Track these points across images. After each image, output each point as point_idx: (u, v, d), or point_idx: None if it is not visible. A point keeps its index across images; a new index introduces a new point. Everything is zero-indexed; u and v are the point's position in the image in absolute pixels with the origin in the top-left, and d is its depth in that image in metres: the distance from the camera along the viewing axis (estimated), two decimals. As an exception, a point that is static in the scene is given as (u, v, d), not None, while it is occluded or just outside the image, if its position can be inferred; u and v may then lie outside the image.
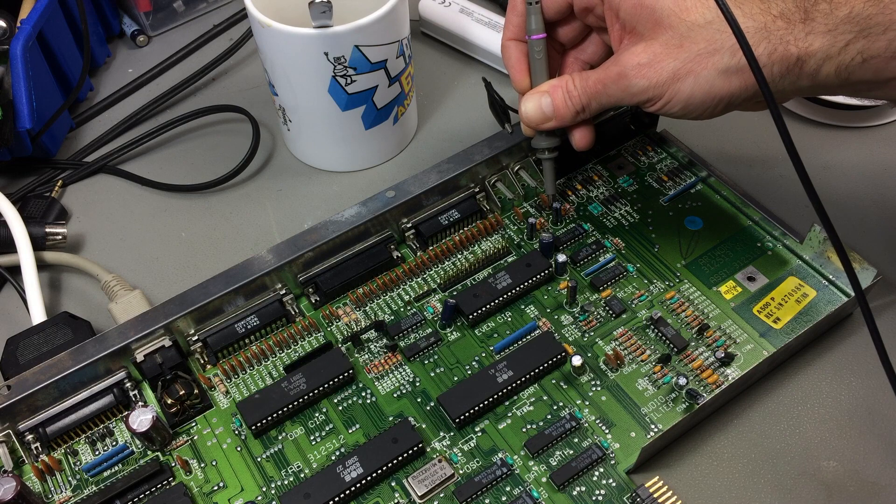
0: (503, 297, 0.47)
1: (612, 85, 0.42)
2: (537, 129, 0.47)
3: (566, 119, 0.45)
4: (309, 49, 0.50)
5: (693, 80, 0.39)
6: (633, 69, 0.40)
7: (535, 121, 0.46)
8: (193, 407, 0.44)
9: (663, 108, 0.41)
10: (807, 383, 0.45)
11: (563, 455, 0.42)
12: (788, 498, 0.41)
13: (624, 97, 0.42)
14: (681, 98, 0.40)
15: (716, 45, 0.38)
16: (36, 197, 0.56)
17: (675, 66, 0.39)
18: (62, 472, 0.43)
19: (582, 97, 0.44)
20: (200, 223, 0.56)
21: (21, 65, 0.54)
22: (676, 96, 0.40)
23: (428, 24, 0.67)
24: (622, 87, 0.41)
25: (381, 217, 0.49)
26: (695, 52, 0.39)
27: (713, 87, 0.39)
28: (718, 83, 0.39)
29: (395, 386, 0.45)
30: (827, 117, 0.59)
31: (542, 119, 0.46)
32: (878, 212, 0.53)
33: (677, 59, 0.39)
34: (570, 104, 0.45)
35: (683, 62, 0.39)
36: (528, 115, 0.46)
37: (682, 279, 0.48)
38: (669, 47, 0.39)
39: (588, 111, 0.45)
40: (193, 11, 0.71)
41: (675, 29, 0.39)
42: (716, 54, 0.38)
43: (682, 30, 0.39)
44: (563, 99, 0.45)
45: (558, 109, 0.45)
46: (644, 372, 0.44)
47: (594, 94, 0.43)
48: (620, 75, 0.41)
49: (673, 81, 0.39)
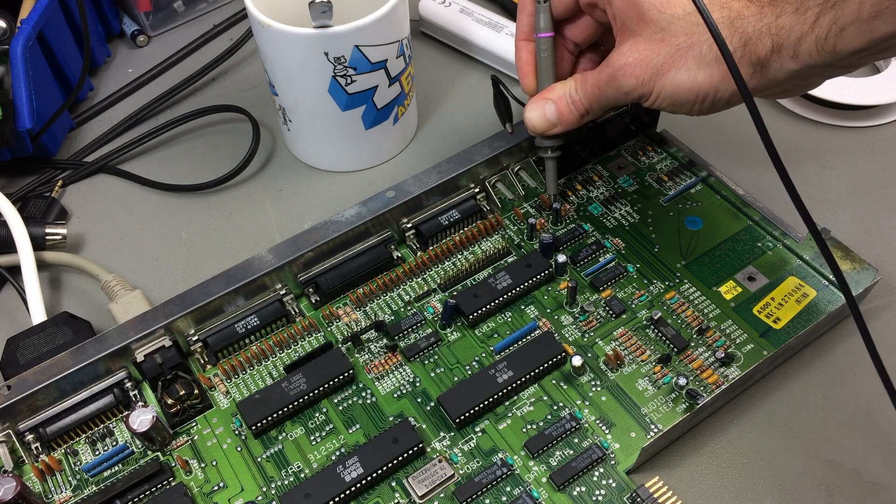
0: (503, 298, 0.47)
1: (606, 87, 0.42)
2: (544, 136, 0.48)
3: (572, 124, 0.46)
4: (309, 49, 0.50)
5: (675, 74, 0.39)
6: (621, 69, 0.41)
7: (541, 128, 0.47)
8: (193, 407, 0.44)
9: (654, 104, 0.41)
10: (807, 383, 0.45)
11: (563, 455, 0.42)
12: (788, 498, 0.41)
13: (619, 97, 0.42)
14: (667, 93, 0.40)
15: (694, 38, 0.38)
16: (36, 197, 0.56)
17: (659, 62, 0.39)
18: (62, 472, 0.43)
19: (584, 101, 0.44)
20: (200, 223, 0.56)
21: (21, 65, 0.54)
22: (663, 92, 0.40)
23: (428, 24, 0.67)
24: (614, 87, 0.42)
25: (382, 217, 0.49)
26: (675, 46, 0.39)
27: (695, 80, 0.39)
28: (700, 76, 0.39)
29: (395, 386, 0.45)
30: (827, 117, 0.59)
31: (548, 126, 0.46)
32: (877, 212, 0.53)
33: (659, 55, 0.39)
34: (574, 109, 0.45)
35: (665, 57, 0.39)
36: (533, 122, 0.47)
37: (682, 279, 0.48)
38: (652, 42, 0.39)
39: (592, 113, 0.45)
40: (193, 11, 0.71)
41: (657, 23, 0.39)
42: (694, 47, 0.38)
43: (662, 23, 0.39)
44: (567, 105, 0.45)
45: (562, 115, 0.45)
46: (644, 372, 0.44)
47: (593, 97, 0.44)
48: (611, 77, 0.41)
49: (658, 77, 0.40)
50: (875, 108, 0.58)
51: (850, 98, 0.57)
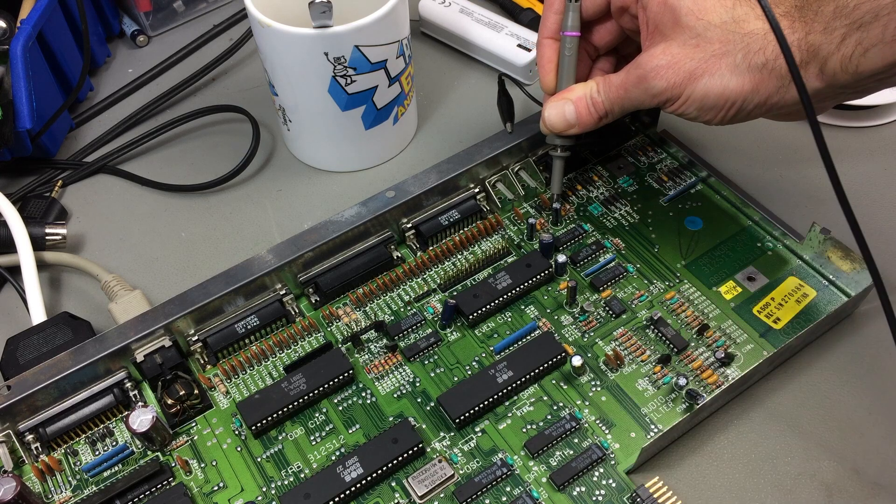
0: (503, 298, 0.47)
1: (633, 88, 0.42)
2: (560, 135, 0.48)
3: (589, 126, 0.46)
4: (309, 49, 0.50)
5: (707, 80, 0.39)
6: (652, 71, 0.41)
7: (559, 128, 0.47)
8: (193, 407, 0.44)
9: (680, 109, 0.41)
10: (807, 383, 0.45)
11: (563, 455, 0.42)
12: (788, 498, 0.41)
13: (645, 99, 0.42)
14: (696, 98, 0.40)
15: (729, 46, 0.39)
16: (36, 197, 0.56)
17: (692, 67, 0.40)
18: (62, 472, 0.43)
19: (605, 103, 0.44)
20: (200, 223, 0.56)
21: (21, 65, 0.54)
22: (692, 96, 0.40)
23: (428, 24, 0.67)
24: (643, 89, 0.42)
25: (381, 217, 0.49)
26: (710, 53, 0.39)
27: (727, 87, 0.39)
28: (732, 84, 0.39)
29: (395, 386, 0.45)
30: (827, 117, 0.59)
31: (566, 126, 0.46)
32: (878, 212, 0.53)
33: (693, 60, 0.40)
34: (594, 111, 0.45)
35: (699, 62, 0.39)
36: (552, 121, 0.47)
37: (682, 279, 0.48)
38: (686, 47, 0.40)
39: (611, 116, 0.45)
40: (193, 11, 0.71)
41: (693, 29, 0.39)
42: (729, 55, 0.39)
43: (698, 29, 0.39)
44: (587, 106, 0.45)
45: (581, 117, 0.46)
46: (644, 372, 0.44)
47: (617, 98, 0.44)
48: (641, 78, 0.42)
49: (689, 82, 0.40)
50: (875, 108, 0.58)
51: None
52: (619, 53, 0.50)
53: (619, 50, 0.49)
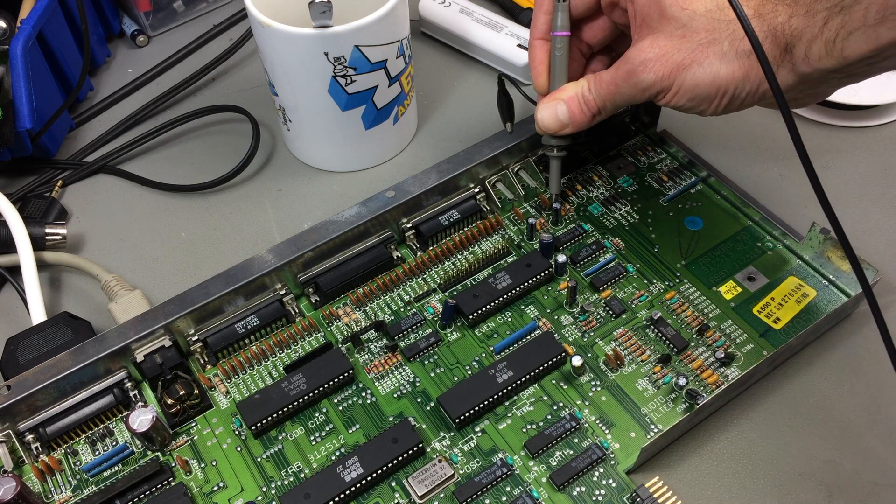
0: (503, 298, 0.47)
1: (623, 83, 0.42)
2: (554, 136, 0.48)
3: (583, 125, 0.46)
4: (309, 49, 0.50)
5: (696, 70, 0.39)
6: (641, 64, 0.41)
7: (552, 128, 0.47)
8: (193, 407, 0.44)
9: (672, 100, 0.41)
10: (807, 383, 0.45)
11: (563, 455, 0.42)
12: (788, 498, 0.41)
13: (635, 93, 0.42)
14: (687, 88, 0.40)
15: (715, 34, 0.39)
16: (36, 197, 0.56)
17: (680, 58, 0.40)
18: (62, 472, 0.43)
19: (597, 101, 0.44)
20: (200, 223, 0.56)
21: (21, 65, 0.54)
22: (683, 87, 0.40)
23: (428, 24, 0.67)
24: (632, 83, 0.42)
25: (381, 217, 0.49)
26: (696, 42, 0.39)
27: (717, 76, 0.39)
28: (722, 72, 0.39)
29: (395, 386, 0.45)
30: (827, 117, 0.59)
31: (559, 126, 0.46)
32: (877, 212, 0.53)
33: (681, 51, 0.40)
34: (587, 110, 0.45)
35: (687, 52, 0.39)
36: (545, 122, 0.47)
37: (682, 279, 0.48)
38: (673, 38, 0.40)
39: (604, 113, 0.45)
40: (193, 11, 0.71)
41: (678, 19, 0.39)
42: (715, 43, 0.39)
43: (683, 20, 0.39)
44: (579, 105, 0.45)
45: (574, 116, 0.45)
46: (644, 372, 0.44)
47: (608, 95, 0.44)
48: (630, 72, 0.42)
49: (678, 72, 0.40)
50: (875, 108, 0.58)
51: (850, 98, 0.57)
52: (613, 51, 0.49)
53: (613, 48, 0.49)
